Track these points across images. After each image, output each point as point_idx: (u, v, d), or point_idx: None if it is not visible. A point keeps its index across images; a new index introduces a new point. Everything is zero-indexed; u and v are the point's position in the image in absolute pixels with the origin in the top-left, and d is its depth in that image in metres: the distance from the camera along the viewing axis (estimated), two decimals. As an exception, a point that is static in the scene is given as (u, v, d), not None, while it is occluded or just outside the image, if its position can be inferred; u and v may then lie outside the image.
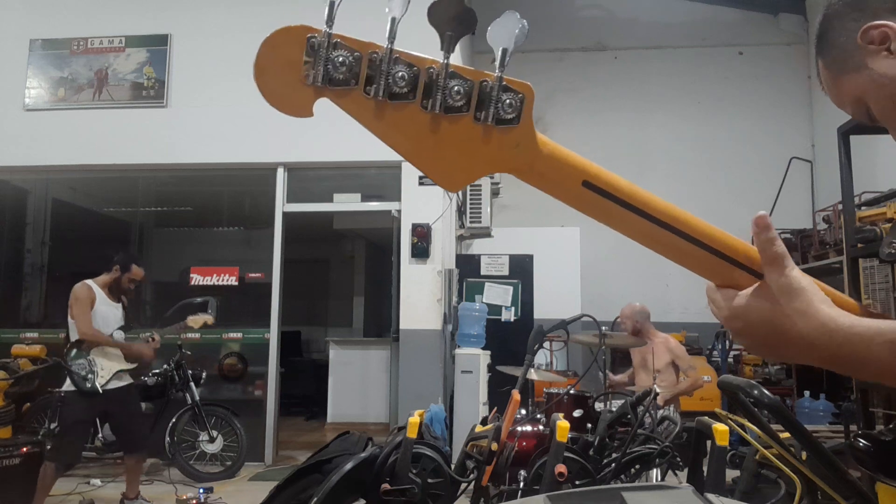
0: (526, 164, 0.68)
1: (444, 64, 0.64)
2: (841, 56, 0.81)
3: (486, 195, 7.39)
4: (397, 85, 0.63)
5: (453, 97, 0.64)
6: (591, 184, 0.70)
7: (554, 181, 0.70)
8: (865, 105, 0.81)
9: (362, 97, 0.64)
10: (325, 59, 0.62)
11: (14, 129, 6.85)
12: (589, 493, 1.30)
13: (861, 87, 0.79)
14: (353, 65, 0.63)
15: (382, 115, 0.64)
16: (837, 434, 5.24)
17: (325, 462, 2.98)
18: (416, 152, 0.66)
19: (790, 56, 9.69)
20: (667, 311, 8.35)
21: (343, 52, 0.62)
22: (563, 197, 0.71)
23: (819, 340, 0.68)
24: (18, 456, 4.16)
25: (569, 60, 9.82)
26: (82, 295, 4.42)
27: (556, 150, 0.69)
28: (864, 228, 4.08)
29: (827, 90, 0.88)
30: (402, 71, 0.63)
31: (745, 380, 1.17)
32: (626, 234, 0.73)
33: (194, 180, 7.43)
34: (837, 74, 0.83)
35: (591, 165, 0.70)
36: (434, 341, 6.27)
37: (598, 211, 0.71)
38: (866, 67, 0.78)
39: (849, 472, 1.01)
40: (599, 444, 3.06)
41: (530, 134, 0.67)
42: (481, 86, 0.65)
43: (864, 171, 5.75)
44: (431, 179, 0.68)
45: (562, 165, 0.69)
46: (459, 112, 0.65)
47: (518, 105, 0.66)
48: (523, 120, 0.66)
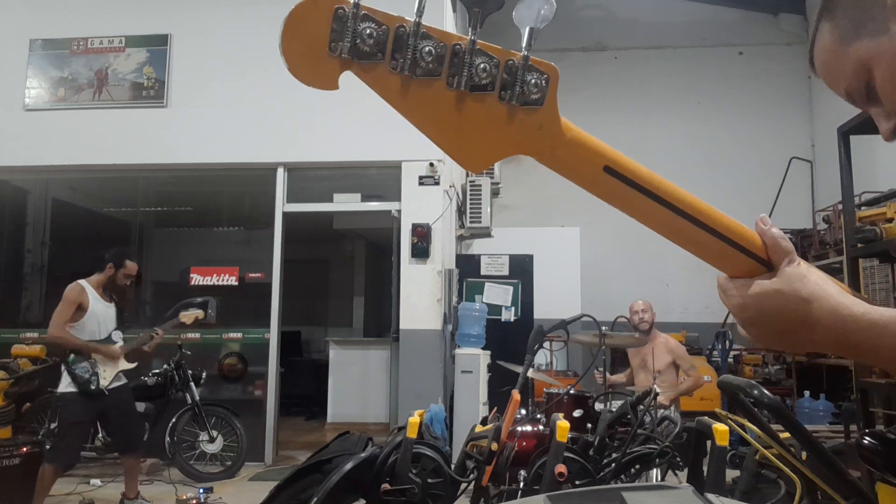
0: (549, 147, 0.67)
1: (472, 41, 0.63)
2: (859, 18, 0.76)
3: (486, 195, 7.38)
4: (424, 60, 0.62)
5: (479, 75, 0.63)
6: (613, 170, 0.69)
7: (575, 166, 0.69)
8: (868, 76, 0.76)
9: (388, 71, 0.62)
10: (353, 31, 0.61)
11: (14, 129, 6.85)
12: (589, 493, 1.30)
13: (874, 50, 0.75)
14: (380, 38, 0.61)
15: (407, 90, 0.63)
16: (837, 434, 5.25)
17: (325, 462, 2.97)
18: (439, 130, 0.65)
19: (790, 56, 9.70)
20: (667, 311, 8.34)
21: (370, 24, 0.61)
22: (583, 182, 0.70)
23: (832, 326, 0.68)
24: (18, 456, 4.16)
25: (569, 60, 9.81)
26: (69, 296, 4.39)
27: (580, 135, 0.68)
28: (864, 228, 4.08)
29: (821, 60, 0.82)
30: (429, 46, 0.62)
31: (745, 380, 1.17)
32: (643, 222, 0.72)
33: (194, 180, 7.43)
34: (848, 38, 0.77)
35: (612, 151, 0.69)
36: (434, 341, 6.27)
37: (617, 197, 0.71)
38: (887, 30, 0.73)
39: (849, 472, 1.01)
40: (599, 444, 3.06)
41: (554, 117, 0.66)
42: (507, 64, 0.64)
43: (864, 171, 5.76)
44: (453, 158, 0.67)
45: (585, 151, 0.68)
46: (485, 90, 0.64)
47: (543, 86, 0.65)
48: (548, 101, 0.65)
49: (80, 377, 4.27)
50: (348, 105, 6.06)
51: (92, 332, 4.44)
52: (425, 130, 0.65)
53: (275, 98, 6.46)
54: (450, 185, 6.69)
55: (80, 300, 4.41)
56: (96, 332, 4.45)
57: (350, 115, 6.24)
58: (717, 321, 7.93)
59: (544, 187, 8.99)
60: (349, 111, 6.14)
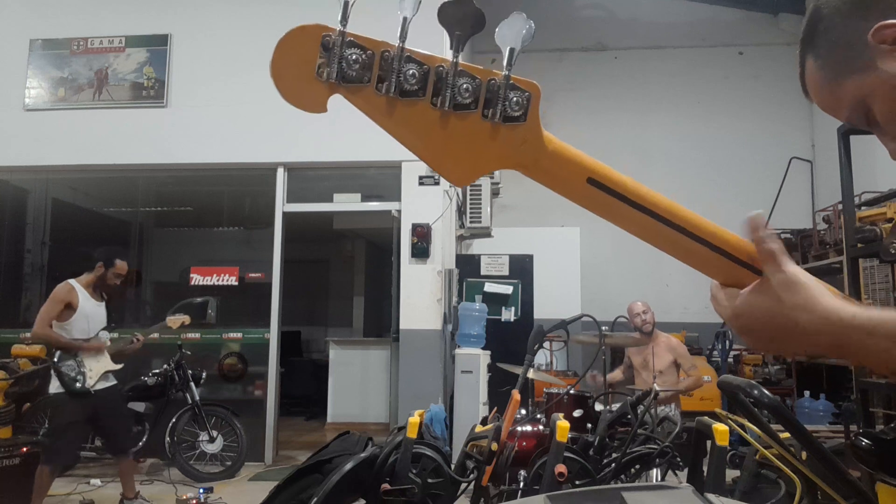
0: (532, 160, 0.70)
1: (454, 62, 0.65)
2: (845, 56, 0.77)
3: (486, 195, 7.38)
4: (408, 82, 0.65)
5: (462, 95, 0.66)
6: (597, 181, 0.71)
7: (559, 178, 0.71)
8: (866, 108, 0.78)
9: (374, 94, 0.66)
10: (339, 56, 0.64)
11: (14, 129, 6.85)
12: (589, 493, 1.30)
13: (867, 88, 0.76)
14: (365, 62, 0.64)
15: (393, 111, 0.66)
16: (837, 434, 5.24)
17: (325, 462, 2.98)
18: (425, 148, 0.68)
19: (790, 56, 9.43)
20: (667, 311, 8.33)
21: (356, 50, 0.64)
22: (569, 193, 0.72)
23: (822, 332, 0.69)
24: (18, 456, 4.15)
25: (569, 60, 9.81)
26: (57, 295, 4.37)
27: (562, 147, 0.70)
28: (864, 228, 4.07)
29: (814, 92, 0.83)
30: (413, 69, 0.65)
31: (745, 380, 1.17)
32: (631, 232, 0.74)
33: (194, 180, 7.43)
34: (838, 76, 0.78)
35: (595, 163, 0.71)
36: (434, 341, 6.27)
37: (603, 208, 0.73)
38: (875, 68, 0.74)
39: (849, 472, 1.01)
40: (599, 444, 3.07)
41: (537, 131, 0.69)
42: (489, 84, 0.66)
43: (864, 171, 5.74)
44: (439, 174, 0.70)
45: (567, 163, 0.71)
46: (468, 109, 0.67)
47: (525, 103, 0.67)
48: (530, 117, 0.68)
49: (66, 375, 4.24)
50: (348, 105, 6.03)
51: (81, 331, 4.41)
52: (412, 148, 0.68)
53: (275, 98, 6.22)
54: (450, 185, 6.69)
55: (69, 299, 4.38)
56: (86, 331, 4.43)
57: (350, 116, 6.07)
58: (717, 321, 7.93)
59: (544, 187, 8.97)
60: (349, 111, 5.99)
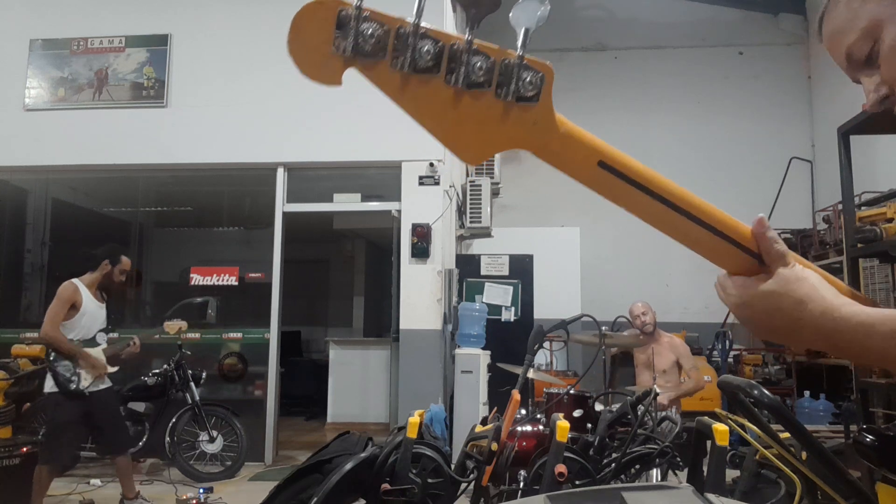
0: (543, 141, 0.70)
1: (469, 40, 0.66)
2: None
3: (486, 195, 7.38)
4: (423, 59, 0.65)
5: (475, 73, 0.66)
6: (608, 164, 0.72)
7: (570, 160, 0.72)
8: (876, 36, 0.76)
9: (389, 69, 0.66)
10: (355, 31, 0.64)
11: (14, 129, 6.85)
12: (589, 493, 1.30)
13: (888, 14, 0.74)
14: (381, 38, 0.65)
15: (407, 87, 0.66)
16: (837, 434, 5.25)
17: (325, 462, 2.97)
18: (437, 124, 0.68)
19: (790, 56, 9.70)
20: (667, 311, 8.33)
21: (372, 25, 0.64)
22: (579, 176, 0.73)
23: (823, 327, 0.71)
24: (18, 456, 4.16)
25: (569, 60, 9.82)
26: (64, 294, 4.32)
27: (574, 130, 0.71)
28: (864, 228, 4.08)
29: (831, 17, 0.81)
30: (428, 45, 0.65)
31: (745, 380, 1.17)
32: (640, 217, 0.74)
33: (194, 180, 7.43)
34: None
35: (607, 147, 0.72)
36: (434, 341, 6.27)
37: (612, 192, 0.73)
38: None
39: (849, 472, 1.01)
40: (599, 444, 3.06)
41: (549, 113, 0.69)
42: (503, 63, 0.67)
43: (864, 171, 5.76)
44: (451, 151, 0.71)
45: (578, 145, 0.71)
46: (481, 88, 0.67)
47: (538, 84, 0.67)
48: (543, 99, 0.68)
49: (60, 375, 4.22)
50: (348, 105, 6.06)
51: (81, 331, 4.39)
52: (424, 124, 0.68)
53: (275, 98, 6.46)
54: (450, 185, 6.69)
55: (75, 299, 4.36)
56: (86, 332, 4.40)
57: (350, 116, 6.24)
58: (717, 321, 7.93)
59: (544, 187, 8.99)
60: (349, 111, 6.14)
